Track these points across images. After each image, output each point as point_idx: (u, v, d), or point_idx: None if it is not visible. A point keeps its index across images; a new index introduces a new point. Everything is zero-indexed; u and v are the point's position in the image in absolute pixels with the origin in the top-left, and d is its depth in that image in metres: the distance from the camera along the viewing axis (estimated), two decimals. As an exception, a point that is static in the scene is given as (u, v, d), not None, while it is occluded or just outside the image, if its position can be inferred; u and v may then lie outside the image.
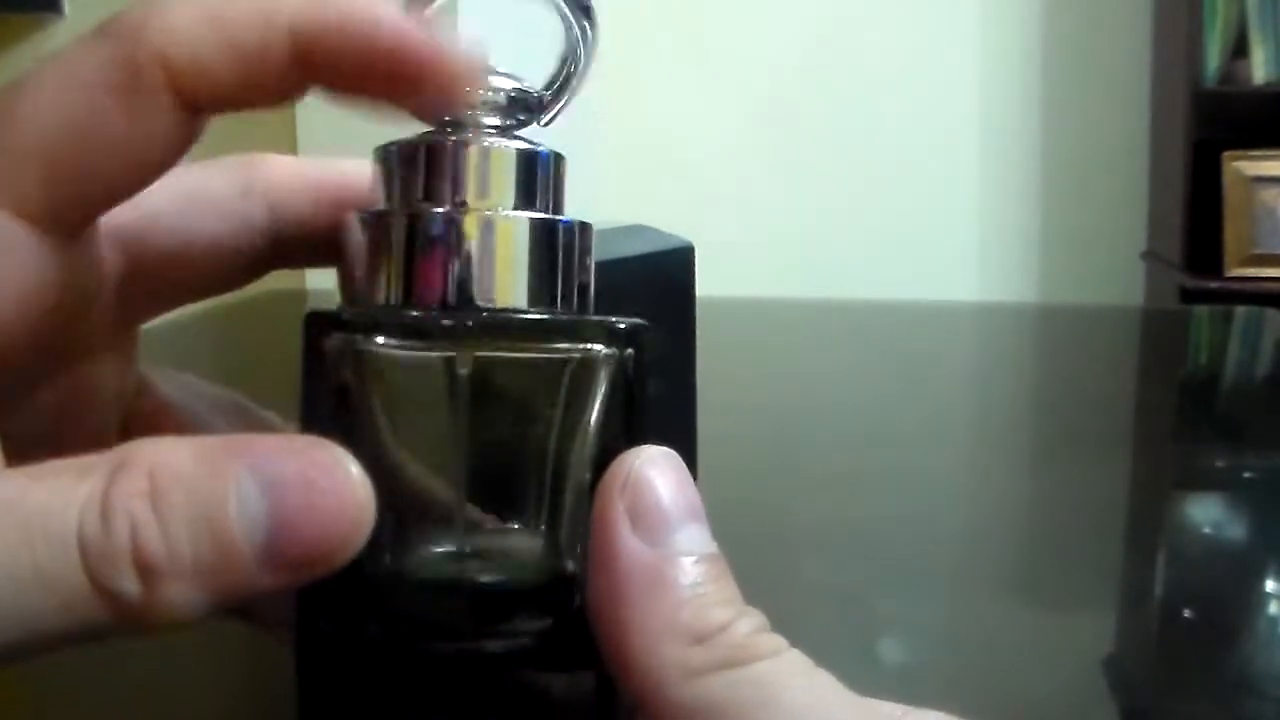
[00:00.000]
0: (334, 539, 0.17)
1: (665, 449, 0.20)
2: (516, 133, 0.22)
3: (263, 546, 0.17)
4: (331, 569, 0.17)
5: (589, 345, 0.20)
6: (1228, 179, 2.14)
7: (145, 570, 0.16)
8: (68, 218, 0.19)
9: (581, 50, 0.22)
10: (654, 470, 0.19)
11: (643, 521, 0.19)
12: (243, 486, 0.17)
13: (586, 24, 0.22)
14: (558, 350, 0.20)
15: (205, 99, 0.19)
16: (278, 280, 0.26)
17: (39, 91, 0.19)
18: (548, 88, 0.22)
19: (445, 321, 0.20)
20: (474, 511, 0.21)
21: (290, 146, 1.88)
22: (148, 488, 0.16)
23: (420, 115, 0.21)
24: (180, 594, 0.16)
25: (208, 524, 0.16)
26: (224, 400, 0.25)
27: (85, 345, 0.22)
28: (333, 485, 0.17)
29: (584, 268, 0.21)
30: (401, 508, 0.21)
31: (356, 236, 0.21)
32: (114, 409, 0.23)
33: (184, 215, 0.22)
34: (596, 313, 0.21)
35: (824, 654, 0.19)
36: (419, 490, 0.21)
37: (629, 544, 0.19)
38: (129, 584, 0.16)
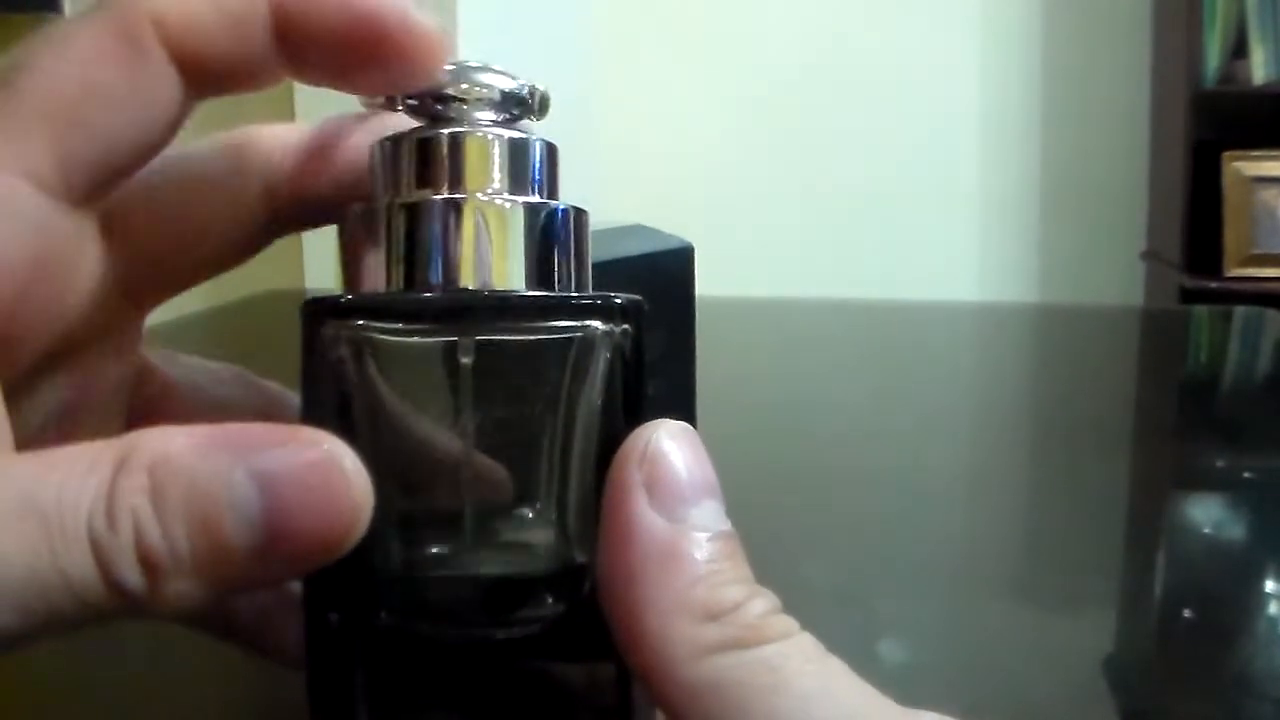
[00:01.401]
0: (329, 535, 0.17)
1: (683, 423, 0.20)
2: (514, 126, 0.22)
3: (258, 543, 0.17)
4: (329, 561, 0.18)
5: (588, 323, 0.20)
6: (1227, 179, 2.14)
7: (148, 566, 0.17)
8: (78, 182, 0.20)
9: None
10: (673, 443, 0.19)
11: (660, 494, 0.19)
12: (238, 484, 0.17)
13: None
14: (558, 330, 0.20)
15: (198, 62, 0.20)
16: (278, 280, 0.26)
17: (40, 62, 0.19)
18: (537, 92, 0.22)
19: (445, 305, 0.20)
20: (481, 499, 0.21)
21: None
22: (148, 484, 0.17)
23: (392, 89, 0.22)
24: (182, 587, 0.17)
25: (204, 522, 0.17)
26: (226, 375, 0.26)
27: (88, 337, 0.22)
28: (326, 482, 0.17)
29: (580, 253, 0.22)
30: (407, 496, 0.21)
31: (354, 228, 0.21)
32: (118, 399, 0.23)
33: (178, 200, 0.23)
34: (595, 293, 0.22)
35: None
36: (424, 477, 0.21)
37: (645, 517, 0.19)
38: (134, 578, 0.17)
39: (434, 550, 0.21)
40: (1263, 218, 2.13)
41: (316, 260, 1.46)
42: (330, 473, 0.17)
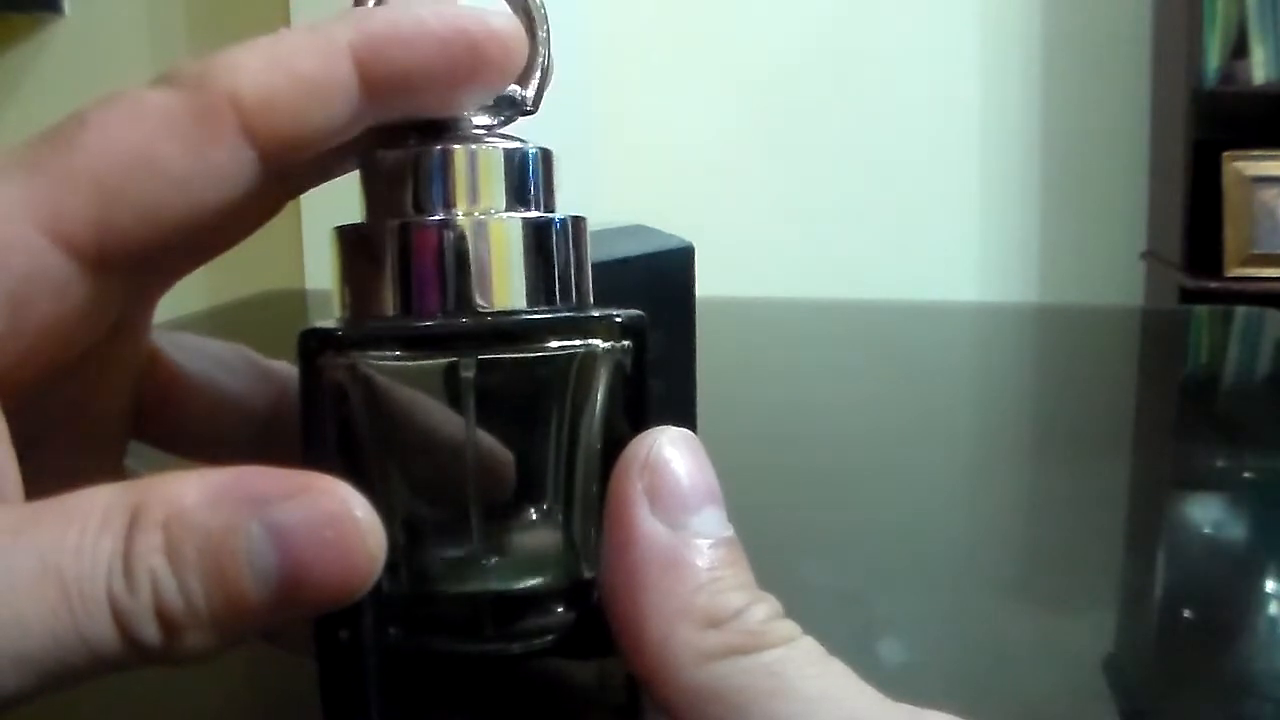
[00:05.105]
0: (344, 586, 0.18)
1: (684, 430, 0.20)
2: (508, 129, 0.22)
3: (274, 596, 0.17)
4: (344, 606, 0.18)
5: (590, 340, 0.20)
6: (1228, 179, 2.14)
7: (166, 623, 0.17)
8: (114, 253, 0.19)
9: (538, 24, 0.22)
10: (674, 450, 0.19)
11: (661, 502, 0.19)
12: (254, 538, 0.17)
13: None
14: (560, 348, 0.20)
15: (277, 139, 0.19)
16: (278, 280, 0.26)
17: (102, 123, 0.19)
18: (523, 77, 0.22)
19: (444, 329, 0.20)
20: (488, 515, 0.21)
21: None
22: (164, 542, 0.17)
23: (481, 97, 0.21)
24: (198, 639, 0.17)
25: (220, 578, 0.17)
26: (233, 360, 0.25)
27: (95, 349, 0.22)
28: (342, 535, 0.17)
29: (580, 263, 0.21)
30: (415, 518, 0.21)
31: (349, 248, 0.21)
32: (127, 388, 0.23)
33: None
34: (596, 309, 0.21)
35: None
36: (431, 499, 0.21)
37: (647, 525, 0.19)
38: (152, 634, 0.17)
39: (443, 567, 0.21)
40: (1263, 218, 2.13)
41: (317, 260, 1.46)
42: (345, 524, 0.17)
